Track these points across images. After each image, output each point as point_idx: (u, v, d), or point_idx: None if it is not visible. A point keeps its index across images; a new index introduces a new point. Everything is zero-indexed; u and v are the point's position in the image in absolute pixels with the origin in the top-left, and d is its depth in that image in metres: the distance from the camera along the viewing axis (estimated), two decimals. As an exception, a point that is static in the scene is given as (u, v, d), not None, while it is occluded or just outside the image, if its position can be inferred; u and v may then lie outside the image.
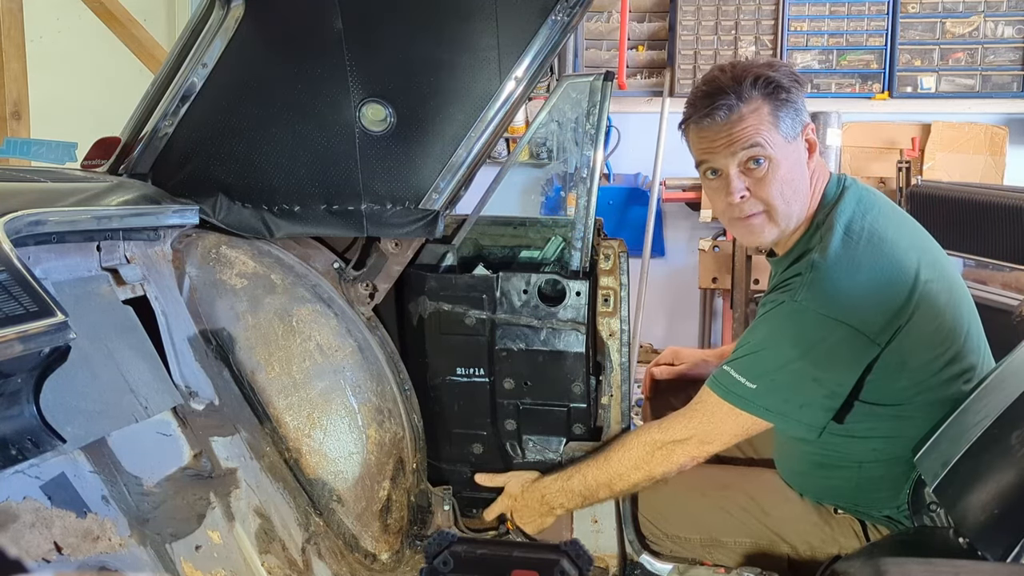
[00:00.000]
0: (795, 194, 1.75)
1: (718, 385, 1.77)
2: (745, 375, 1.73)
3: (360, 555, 2.06)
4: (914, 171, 4.31)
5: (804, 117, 1.77)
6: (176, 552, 1.67)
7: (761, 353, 1.73)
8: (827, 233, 1.73)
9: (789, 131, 1.74)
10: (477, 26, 1.90)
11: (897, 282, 1.67)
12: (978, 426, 1.48)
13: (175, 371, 1.94)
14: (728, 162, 1.74)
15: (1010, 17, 4.54)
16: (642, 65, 4.92)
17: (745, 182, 1.74)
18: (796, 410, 1.71)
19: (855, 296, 1.67)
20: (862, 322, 1.65)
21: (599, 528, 2.11)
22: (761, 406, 1.72)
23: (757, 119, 1.71)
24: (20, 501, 1.47)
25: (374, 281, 2.15)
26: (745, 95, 1.71)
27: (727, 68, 1.76)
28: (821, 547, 1.88)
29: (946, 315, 1.72)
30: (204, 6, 1.96)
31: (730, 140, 1.72)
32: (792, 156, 1.75)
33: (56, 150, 2.59)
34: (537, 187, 4.88)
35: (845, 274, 1.68)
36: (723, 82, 1.73)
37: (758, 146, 1.71)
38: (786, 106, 1.73)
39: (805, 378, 1.69)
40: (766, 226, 1.77)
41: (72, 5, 4.27)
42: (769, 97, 1.72)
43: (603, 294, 2.09)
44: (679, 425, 1.83)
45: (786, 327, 1.71)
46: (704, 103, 1.73)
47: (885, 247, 1.71)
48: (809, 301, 1.67)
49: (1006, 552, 1.30)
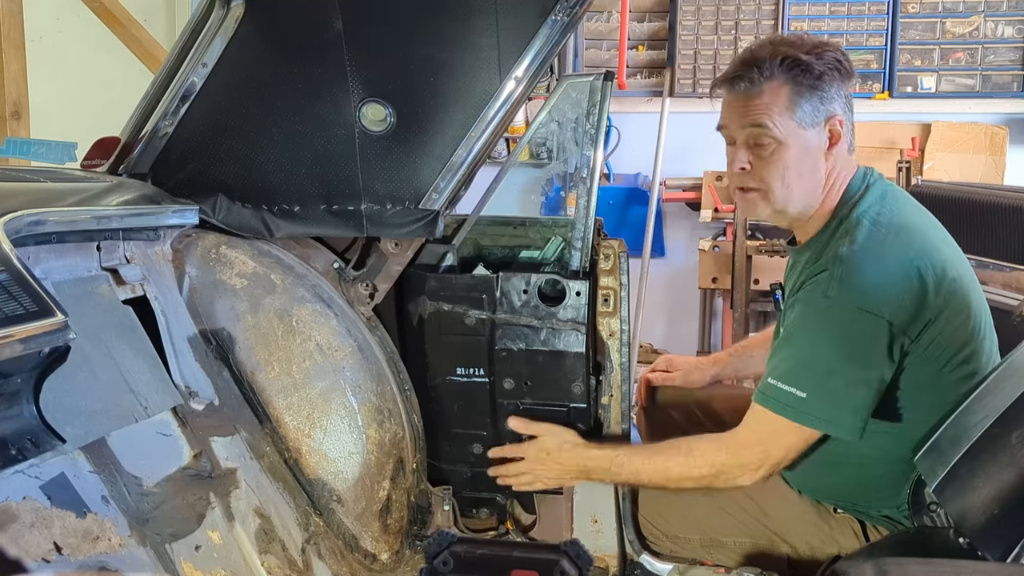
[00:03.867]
0: (798, 180, 1.76)
1: (767, 399, 1.72)
2: (793, 384, 1.69)
3: (360, 555, 2.06)
4: (914, 171, 4.31)
5: (832, 107, 1.75)
6: (176, 552, 1.67)
7: (803, 359, 1.70)
8: (854, 226, 1.72)
9: (807, 118, 1.74)
10: (477, 26, 1.89)
11: (927, 276, 1.67)
12: (978, 426, 1.48)
13: (175, 371, 1.94)
14: (738, 133, 1.78)
15: (1010, 17, 4.54)
16: (642, 65, 4.92)
17: (749, 156, 1.77)
18: (848, 415, 1.68)
19: (886, 287, 1.65)
20: (893, 314, 1.64)
21: (599, 528, 2.11)
22: (814, 415, 1.68)
23: (773, 98, 1.73)
24: (20, 501, 1.47)
25: (374, 281, 2.15)
26: (769, 72, 1.72)
27: (775, 42, 1.77)
28: (821, 547, 1.88)
29: (970, 313, 1.73)
30: (204, 6, 1.96)
31: (743, 112, 1.75)
32: (803, 143, 1.75)
33: (56, 150, 2.59)
34: (537, 187, 4.88)
35: (874, 265, 1.67)
36: (758, 54, 1.75)
37: (763, 127, 1.73)
38: (810, 92, 1.73)
39: (850, 380, 1.67)
40: (759, 203, 1.80)
41: (72, 5, 4.27)
42: (794, 80, 1.72)
43: (603, 294, 2.09)
44: (746, 450, 1.76)
45: (823, 327, 1.69)
46: (734, 70, 1.77)
47: (915, 240, 1.71)
48: (841, 296, 1.66)
49: (1006, 552, 1.30)
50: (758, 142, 1.75)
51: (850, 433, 1.69)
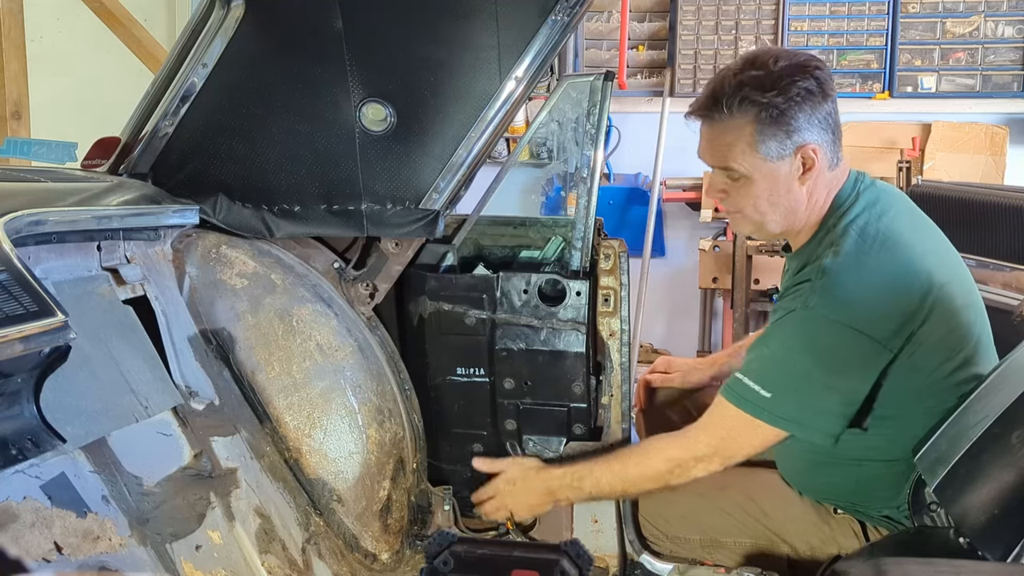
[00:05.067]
0: (772, 207, 1.77)
1: (731, 393, 1.75)
2: (759, 383, 1.71)
3: (360, 555, 2.06)
4: (914, 171, 4.31)
5: (802, 137, 1.71)
6: (176, 552, 1.67)
7: (774, 360, 1.72)
8: (839, 237, 1.72)
9: (773, 152, 1.72)
10: (477, 26, 1.90)
11: (911, 287, 1.66)
12: (978, 426, 1.48)
13: (175, 371, 1.94)
14: (710, 164, 1.81)
15: (1010, 17, 4.54)
16: (642, 65, 4.92)
17: (723, 183, 1.80)
18: (812, 418, 1.70)
19: (867, 301, 1.66)
20: (874, 328, 1.64)
21: (599, 528, 2.11)
22: (777, 415, 1.70)
23: (736, 137, 1.72)
24: (20, 501, 1.47)
25: (374, 281, 2.15)
26: (729, 111, 1.71)
27: (740, 73, 1.72)
28: (821, 547, 1.88)
29: (960, 319, 1.72)
30: (204, 6, 1.96)
31: (709, 148, 1.78)
32: (772, 175, 1.74)
33: (56, 150, 2.59)
34: (537, 187, 4.88)
35: (856, 279, 1.67)
36: (720, 90, 1.72)
37: (728, 168, 1.76)
38: (775, 128, 1.70)
39: (819, 386, 1.68)
40: (742, 223, 1.85)
41: (72, 5, 4.26)
42: (756, 118, 1.70)
43: (603, 294, 2.09)
44: (699, 441, 1.79)
45: (799, 334, 1.70)
46: (700, 103, 1.77)
47: (899, 251, 1.70)
48: (821, 307, 1.66)
49: (1006, 552, 1.30)
50: (729, 175, 1.77)
51: (819, 436, 1.70)
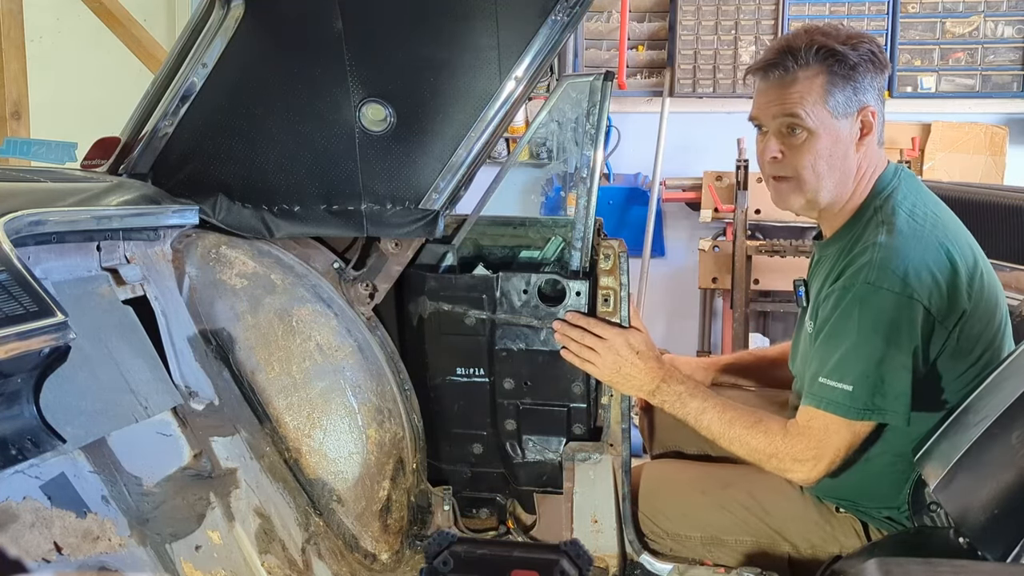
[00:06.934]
0: (829, 170, 1.77)
1: (813, 397, 1.71)
2: (837, 378, 1.68)
3: (360, 555, 2.06)
4: (914, 171, 4.30)
5: (866, 98, 1.76)
6: (176, 552, 1.67)
7: (848, 349, 1.68)
8: (891, 215, 1.73)
9: (840, 108, 1.75)
10: (477, 26, 1.90)
11: (963, 266, 1.68)
12: (978, 426, 1.48)
13: (175, 371, 1.94)
14: (769, 123, 1.79)
15: (1010, 17, 4.54)
16: (642, 65, 4.91)
17: (780, 145, 1.79)
18: (892, 402, 1.66)
19: (924, 274, 1.65)
20: (932, 300, 1.65)
21: (599, 528, 2.11)
22: (860, 407, 1.67)
23: (807, 87, 1.74)
24: (20, 501, 1.47)
25: (374, 281, 2.15)
26: (804, 61, 1.73)
27: (810, 31, 1.77)
28: (822, 546, 1.88)
29: (997, 311, 1.74)
30: (204, 6, 1.96)
31: (776, 101, 1.77)
32: (835, 133, 1.76)
33: (56, 150, 2.59)
34: (537, 187, 4.88)
35: (914, 252, 1.67)
36: (794, 43, 1.75)
37: (796, 116, 1.75)
38: (844, 82, 1.74)
39: (896, 367, 1.65)
40: (792, 193, 1.81)
41: (72, 5, 4.27)
42: (828, 70, 1.73)
43: (603, 294, 2.09)
44: (797, 445, 1.74)
45: (864, 313, 1.67)
46: (769, 57, 1.78)
47: (950, 231, 1.73)
48: (881, 280, 1.65)
49: (1006, 552, 1.30)
50: (790, 131, 1.77)
51: (896, 419, 1.68)
